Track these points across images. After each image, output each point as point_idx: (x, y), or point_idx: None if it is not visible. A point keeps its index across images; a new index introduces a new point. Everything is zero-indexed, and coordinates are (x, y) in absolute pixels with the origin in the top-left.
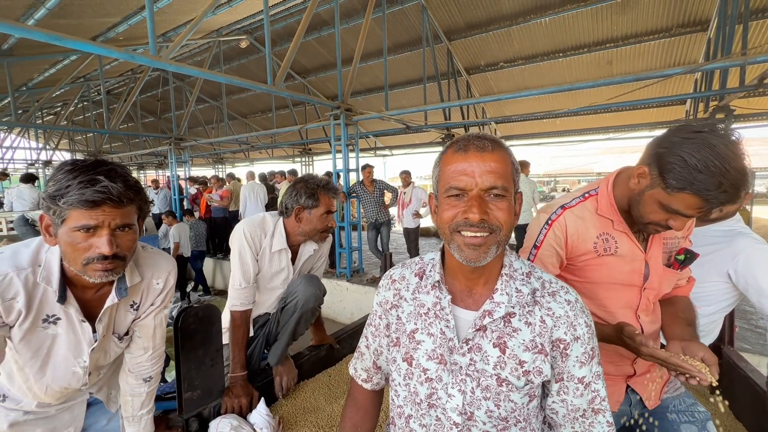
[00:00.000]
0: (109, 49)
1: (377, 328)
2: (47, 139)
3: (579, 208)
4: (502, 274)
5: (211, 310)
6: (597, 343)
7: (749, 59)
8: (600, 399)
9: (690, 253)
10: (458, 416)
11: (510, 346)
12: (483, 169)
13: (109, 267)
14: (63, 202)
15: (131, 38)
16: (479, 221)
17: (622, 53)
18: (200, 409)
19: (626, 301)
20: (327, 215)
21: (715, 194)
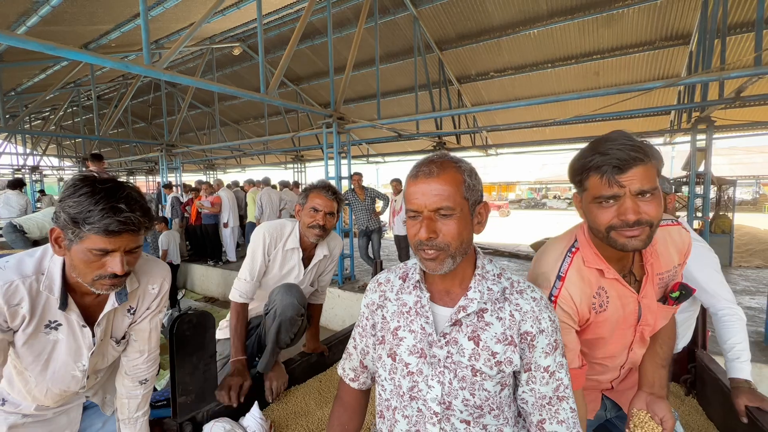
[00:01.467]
0: (104, 59)
1: (364, 328)
2: (35, 144)
3: (573, 273)
4: (475, 274)
5: (206, 317)
6: (561, 336)
7: (724, 75)
8: (564, 387)
9: (685, 288)
10: (437, 406)
11: (483, 338)
12: (429, 192)
13: (116, 283)
14: (87, 228)
15: (124, 45)
16: (427, 239)
17: (608, 64)
18: (194, 413)
19: (621, 338)
20: (314, 212)
21: (602, 160)
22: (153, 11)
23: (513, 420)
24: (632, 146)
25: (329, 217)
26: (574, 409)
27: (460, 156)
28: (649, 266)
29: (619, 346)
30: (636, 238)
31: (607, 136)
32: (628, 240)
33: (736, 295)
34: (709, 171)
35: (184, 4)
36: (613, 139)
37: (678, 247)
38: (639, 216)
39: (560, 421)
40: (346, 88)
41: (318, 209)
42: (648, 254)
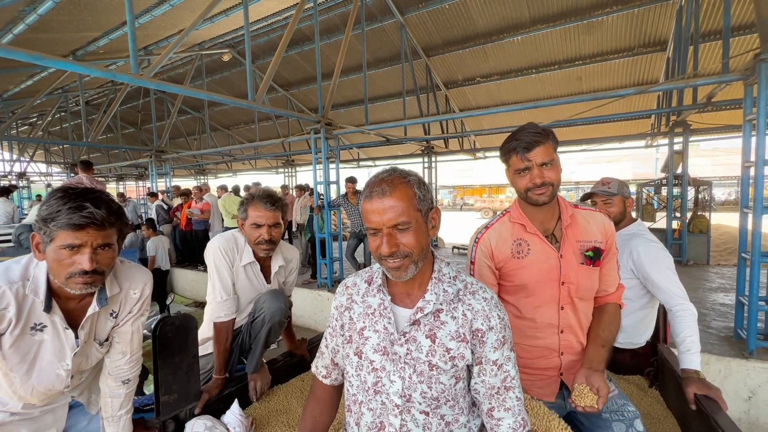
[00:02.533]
0: (90, 68)
1: (334, 329)
2: (21, 150)
3: (497, 225)
4: (432, 278)
5: (188, 319)
6: (509, 333)
7: (690, 82)
8: (510, 378)
9: (596, 250)
10: (399, 399)
11: (439, 336)
12: (384, 211)
13: (89, 281)
14: (53, 224)
15: (111, 51)
16: (389, 254)
17: (590, 70)
18: (177, 412)
19: (549, 295)
20: (256, 227)
21: (510, 145)
22: (141, 19)
23: (468, 410)
24: (535, 132)
25: (274, 229)
26: (520, 398)
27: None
28: (566, 229)
29: (546, 299)
30: (543, 194)
31: (522, 127)
32: (538, 197)
33: (712, 292)
34: (686, 172)
35: (172, 11)
36: (524, 129)
37: (600, 227)
38: (543, 179)
39: (507, 409)
40: (336, 94)
41: (260, 224)
42: (566, 221)
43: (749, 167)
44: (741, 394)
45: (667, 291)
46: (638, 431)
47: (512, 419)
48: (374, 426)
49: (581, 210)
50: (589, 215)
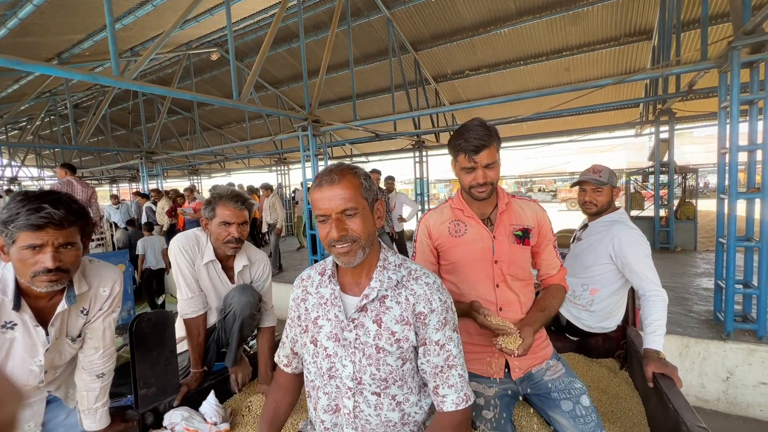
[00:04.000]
0: (70, 71)
1: (292, 320)
2: (12, 155)
3: (439, 208)
4: (377, 266)
5: (165, 315)
6: (451, 315)
7: (667, 71)
8: (452, 357)
9: (525, 230)
10: (351, 382)
11: (384, 320)
12: (334, 197)
13: (54, 278)
14: (13, 226)
15: (98, 53)
16: (339, 238)
17: (577, 60)
18: (155, 405)
19: (483, 273)
20: (225, 225)
21: (458, 143)
22: (125, 20)
23: (417, 389)
24: (482, 135)
25: (242, 227)
26: (462, 375)
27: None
28: (501, 214)
29: (482, 277)
30: (484, 192)
31: (470, 125)
32: (480, 194)
33: (696, 277)
34: (672, 160)
35: (155, 12)
36: (472, 128)
37: (533, 214)
38: (486, 179)
39: (450, 386)
40: (327, 90)
41: (229, 222)
42: (501, 208)
43: (725, 153)
44: (719, 375)
45: (643, 276)
46: (584, 406)
47: (455, 395)
48: (330, 408)
49: (518, 199)
50: (524, 203)
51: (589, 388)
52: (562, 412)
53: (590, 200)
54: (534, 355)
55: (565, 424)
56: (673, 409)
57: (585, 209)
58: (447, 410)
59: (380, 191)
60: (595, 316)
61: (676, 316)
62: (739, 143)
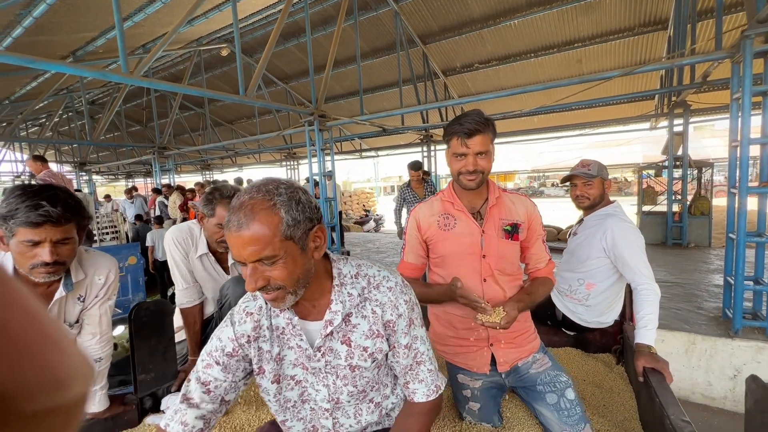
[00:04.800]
0: (80, 69)
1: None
2: (32, 151)
3: (429, 201)
4: (333, 285)
5: (163, 304)
6: (417, 312)
7: (677, 61)
8: (420, 354)
9: (514, 225)
10: (327, 404)
11: (353, 339)
12: (243, 244)
13: (51, 270)
14: (12, 222)
15: (111, 50)
16: (259, 288)
17: (589, 52)
18: (154, 390)
19: (471, 267)
20: (221, 227)
21: (452, 127)
22: (135, 17)
23: (392, 384)
24: (478, 121)
25: None
26: (431, 370)
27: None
28: (491, 209)
29: (469, 271)
30: (473, 181)
31: (467, 113)
32: (468, 182)
33: (708, 274)
34: (686, 154)
35: (165, 8)
36: (470, 114)
37: (524, 208)
38: (476, 167)
39: (420, 380)
40: (336, 85)
41: None
42: (492, 202)
43: (736, 146)
44: (726, 373)
45: (635, 270)
46: (569, 399)
47: (426, 389)
48: (307, 431)
49: (509, 193)
50: (515, 198)
51: (583, 382)
52: (546, 405)
53: (582, 194)
54: (521, 348)
55: (550, 417)
56: (659, 403)
57: (578, 204)
58: (418, 401)
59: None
60: (591, 310)
61: (684, 312)
62: (751, 136)
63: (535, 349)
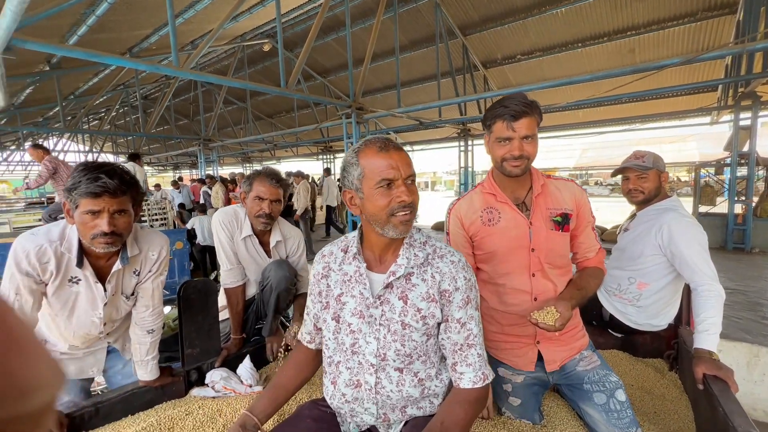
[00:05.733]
0: (136, 62)
1: (314, 296)
2: (93, 142)
3: (468, 196)
4: (404, 243)
5: (209, 283)
6: (474, 294)
7: (748, 46)
8: (473, 336)
9: (564, 215)
10: (374, 359)
11: (410, 297)
12: (403, 162)
13: (109, 241)
14: (75, 193)
15: (163, 47)
16: (410, 203)
17: (644, 40)
18: (199, 364)
19: (519, 262)
20: (258, 200)
21: (496, 111)
22: (186, 14)
23: (438, 364)
24: (524, 103)
25: (275, 205)
26: (481, 355)
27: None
28: (537, 198)
29: (517, 266)
30: (518, 167)
31: (511, 95)
32: (513, 168)
33: None
34: (753, 150)
35: (213, 5)
36: (514, 97)
37: (571, 195)
38: (522, 152)
39: (468, 364)
40: (373, 79)
41: (263, 197)
42: (537, 190)
43: None
44: None
45: (696, 269)
46: (619, 401)
47: (473, 374)
48: (351, 383)
49: (554, 180)
50: (561, 184)
51: (631, 387)
52: (594, 405)
53: (635, 188)
54: (569, 346)
55: (597, 418)
56: (723, 412)
57: (631, 198)
58: (464, 387)
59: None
60: (642, 312)
61: (746, 322)
62: None
63: (583, 346)
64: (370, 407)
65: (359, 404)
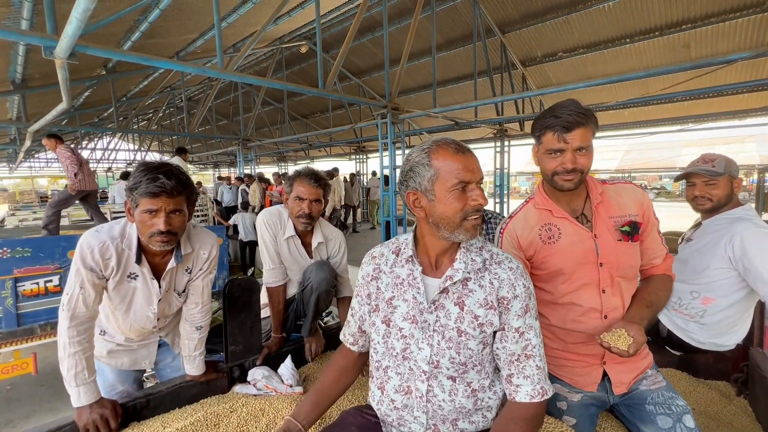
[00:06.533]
0: (185, 65)
1: (361, 298)
2: (141, 141)
3: (521, 213)
4: (460, 247)
5: (252, 282)
6: (533, 302)
7: None
8: (531, 346)
9: (633, 224)
10: (426, 365)
11: (467, 303)
12: (476, 165)
13: (165, 239)
14: (136, 192)
15: (207, 51)
16: (483, 207)
17: (701, 34)
18: (242, 361)
19: (587, 278)
20: (299, 200)
21: (546, 120)
22: (229, 18)
23: (493, 375)
24: (578, 113)
25: (315, 205)
26: (540, 367)
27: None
28: (597, 207)
29: (585, 282)
30: (570, 181)
31: (562, 103)
32: (564, 182)
33: None
34: None
35: (255, 9)
36: (565, 105)
37: (633, 199)
38: (575, 165)
39: (526, 376)
40: (407, 79)
41: (303, 197)
42: (596, 200)
43: None
44: None
45: None
46: (688, 427)
47: (531, 387)
48: (401, 389)
49: (610, 185)
50: (620, 188)
51: (693, 411)
52: (657, 428)
53: (702, 194)
54: (636, 365)
55: None
56: None
57: (697, 206)
58: (520, 401)
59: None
60: (706, 329)
61: None
62: None
63: (649, 364)
64: (419, 416)
65: (408, 412)
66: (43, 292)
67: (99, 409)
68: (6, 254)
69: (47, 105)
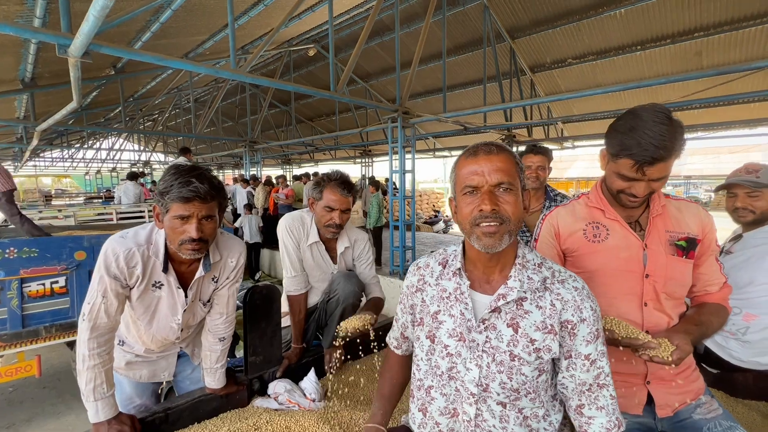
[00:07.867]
0: (198, 65)
1: (405, 306)
2: (146, 142)
3: (570, 205)
4: (515, 263)
5: (273, 290)
6: (601, 327)
7: None
8: (604, 375)
9: (690, 239)
10: (475, 387)
11: (522, 326)
12: (491, 168)
13: (196, 247)
14: (168, 197)
15: (216, 52)
16: (491, 212)
17: (714, 42)
18: (261, 373)
19: (629, 288)
20: (329, 210)
21: (638, 152)
22: (240, 20)
23: (548, 404)
24: (666, 141)
25: (345, 214)
26: (614, 396)
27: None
28: (654, 218)
29: (625, 292)
30: (636, 202)
31: (651, 118)
32: (630, 202)
33: None
34: None
35: (266, 11)
36: (649, 130)
37: (695, 218)
38: (646, 192)
39: (600, 407)
40: (415, 83)
41: (333, 207)
42: (655, 210)
43: None
44: None
45: None
46: None
47: (606, 418)
48: (447, 411)
49: (674, 200)
50: (683, 205)
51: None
52: None
53: (744, 206)
54: (684, 388)
55: None
56: None
57: (738, 217)
58: None
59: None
60: (748, 347)
61: None
62: None
63: (701, 390)
64: None
65: None
66: (48, 293)
67: (118, 425)
68: (13, 254)
69: (54, 104)
